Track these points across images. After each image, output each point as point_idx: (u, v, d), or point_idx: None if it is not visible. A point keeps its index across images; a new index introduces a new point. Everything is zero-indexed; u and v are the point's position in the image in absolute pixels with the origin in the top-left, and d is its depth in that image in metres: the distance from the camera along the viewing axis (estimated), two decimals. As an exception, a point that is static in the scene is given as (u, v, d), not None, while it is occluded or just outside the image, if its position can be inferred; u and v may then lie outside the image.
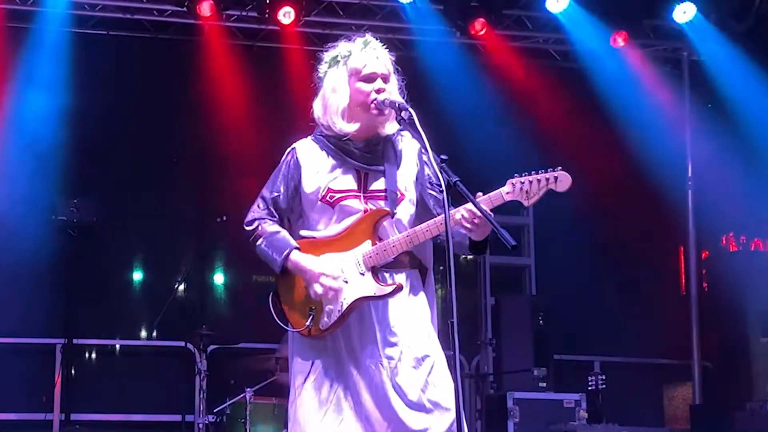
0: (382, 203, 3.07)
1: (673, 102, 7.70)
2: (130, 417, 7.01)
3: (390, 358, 3.02)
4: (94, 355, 7.20)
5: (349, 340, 3.05)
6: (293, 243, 3.09)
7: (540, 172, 3.00)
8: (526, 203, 3.01)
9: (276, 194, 3.15)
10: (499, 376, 6.86)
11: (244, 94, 7.11)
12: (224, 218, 6.26)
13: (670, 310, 7.72)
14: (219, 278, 7.37)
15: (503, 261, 7.65)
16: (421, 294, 3.13)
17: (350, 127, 3.09)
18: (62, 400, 6.62)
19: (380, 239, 3.05)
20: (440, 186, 2.88)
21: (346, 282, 3.03)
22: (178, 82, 7.13)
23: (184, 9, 6.94)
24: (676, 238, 7.84)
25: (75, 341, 6.60)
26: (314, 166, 3.12)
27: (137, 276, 7.33)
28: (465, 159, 3.31)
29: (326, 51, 3.21)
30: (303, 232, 3.15)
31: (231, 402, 5.70)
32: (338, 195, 3.08)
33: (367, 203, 3.07)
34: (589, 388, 6.42)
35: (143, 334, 7.31)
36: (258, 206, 3.17)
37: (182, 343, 6.41)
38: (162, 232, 7.22)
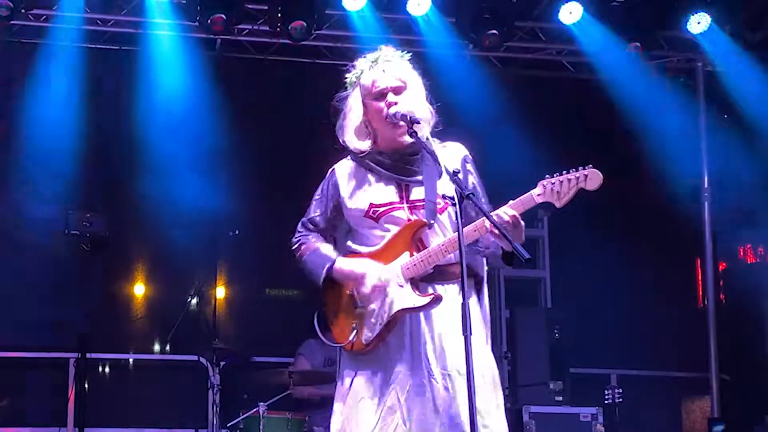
0: (422, 213, 3.07)
1: (688, 113, 7.65)
2: (144, 431, 7.00)
3: (444, 377, 2.99)
4: (107, 370, 7.19)
5: (396, 354, 3.02)
6: (335, 254, 3.13)
7: (570, 171, 3.00)
8: (557, 204, 3.00)
9: (314, 215, 3.21)
10: (515, 389, 6.81)
11: (256, 108, 7.11)
12: (237, 232, 6.27)
13: (687, 322, 7.65)
14: (232, 292, 7.36)
15: (518, 273, 7.59)
16: (476, 307, 3.09)
17: (363, 145, 3.13)
18: (76, 414, 6.61)
19: (422, 250, 3.05)
20: (452, 199, 2.89)
21: (387, 295, 3.03)
22: (191, 95, 7.13)
23: (196, 24, 6.96)
24: (692, 250, 7.77)
25: (88, 355, 6.58)
26: (354, 183, 3.15)
27: (150, 290, 7.33)
28: (479, 172, 3.27)
29: (348, 72, 3.24)
30: (350, 244, 3.17)
31: (244, 416, 5.68)
32: (382, 209, 3.09)
33: (412, 213, 3.07)
34: (606, 402, 6.36)
35: (156, 348, 7.31)
36: (299, 228, 3.24)
37: (195, 357, 6.40)
38: (175, 246, 7.22)
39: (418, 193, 3.09)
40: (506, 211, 2.96)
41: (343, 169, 3.20)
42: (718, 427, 6.49)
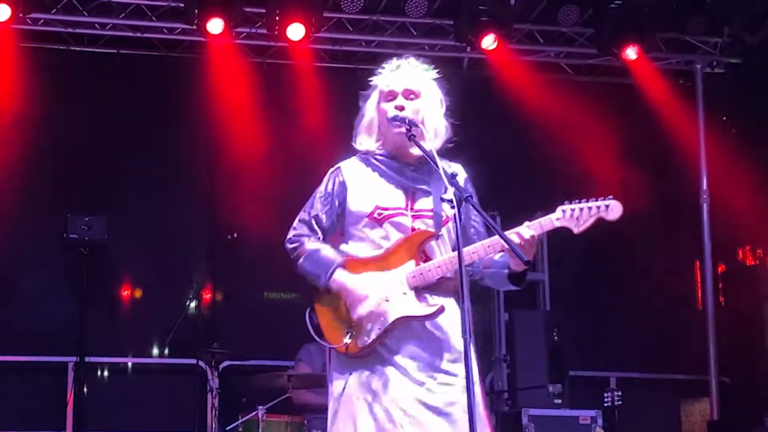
0: (430, 222, 3.06)
1: (687, 115, 7.64)
2: (142, 435, 6.99)
3: (441, 384, 2.99)
4: (106, 373, 7.18)
5: (392, 359, 3.01)
6: (338, 259, 3.07)
7: (591, 199, 3.02)
8: (576, 230, 3.03)
9: (319, 212, 3.15)
10: (514, 392, 6.79)
11: (254, 110, 7.11)
12: (234, 235, 6.25)
13: (686, 325, 7.64)
14: (230, 296, 7.34)
15: (517, 276, 7.57)
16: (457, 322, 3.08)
17: (373, 144, 3.14)
18: (75, 418, 6.60)
19: (425, 260, 3.05)
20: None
21: (388, 301, 3.01)
22: (188, 100, 7.13)
23: (194, 27, 6.95)
24: (691, 253, 7.76)
25: (87, 359, 6.58)
26: (361, 183, 3.13)
27: (148, 294, 7.32)
28: (476, 174, 3.27)
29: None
30: (344, 248, 3.13)
31: (243, 420, 5.66)
32: (387, 212, 3.08)
33: (414, 221, 3.07)
34: (605, 405, 6.34)
35: (155, 351, 7.29)
36: (298, 225, 3.17)
37: (194, 361, 6.38)
38: (173, 250, 7.21)
39: (423, 203, 3.09)
40: (526, 231, 2.98)
41: (351, 168, 3.17)
42: None
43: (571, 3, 7.26)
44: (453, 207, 2.86)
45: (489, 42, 7.10)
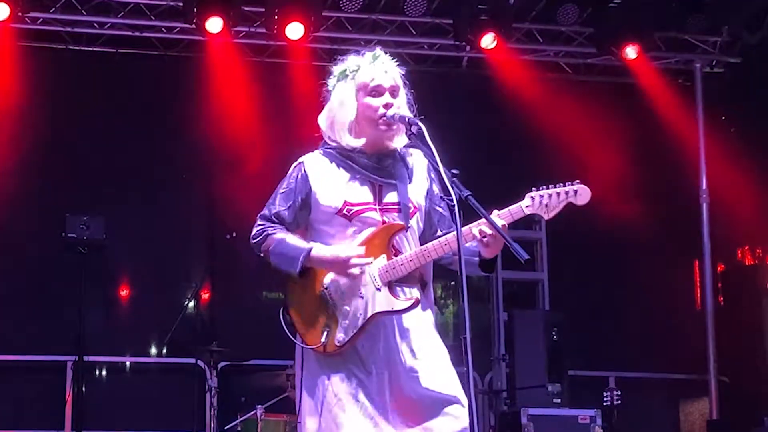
0: (395, 216, 3.05)
1: (686, 114, 7.64)
2: (141, 435, 6.99)
3: (417, 372, 2.99)
4: (104, 373, 7.18)
5: (370, 355, 3.00)
6: (309, 244, 3.04)
7: (558, 185, 3.01)
8: (546, 216, 3.01)
9: (280, 209, 3.10)
10: (513, 392, 6.80)
11: (253, 110, 7.11)
12: (233, 234, 6.25)
13: (685, 324, 7.64)
14: (229, 295, 7.34)
15: (516, 276, 7.59)
16: (428, 309, 3.12)
17: (357, 142, 3.09)
18: (73, 417, 6.60)
19: (396, 253, 3.03)
20: (450, 200, 2.86)
21: (362, 298, 2.99)
22: (187, 99, 7.13)
23: (193, 26, 6.95)
24: (690, 252, 7.76)
25: (86, 358, 6.57)
26: (326, 179, 3.09)
27: (147, 293, 7.31)
28: (473, 173, 3.27)
29: (335, 65, 3.20)
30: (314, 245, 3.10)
31: (242, 419, 5.68)
32: (356, 208, 3.05)
33: (383, 215, 3.05)
34: (605, 404, 6.35)
35: (153, 351, 7.29)
36: (261, 221, 3.13)
37: (193, 360, 6.38)
38: (171, 249, 7.20)
39: (390, 196, 3.07)
40: (497, 220, 2.96)
41: (314, 163, 3.12)
42: None
43: (570, 2, 7.26)
44: (453, 207, 2.85)
45: (488, 41, 7.10)
